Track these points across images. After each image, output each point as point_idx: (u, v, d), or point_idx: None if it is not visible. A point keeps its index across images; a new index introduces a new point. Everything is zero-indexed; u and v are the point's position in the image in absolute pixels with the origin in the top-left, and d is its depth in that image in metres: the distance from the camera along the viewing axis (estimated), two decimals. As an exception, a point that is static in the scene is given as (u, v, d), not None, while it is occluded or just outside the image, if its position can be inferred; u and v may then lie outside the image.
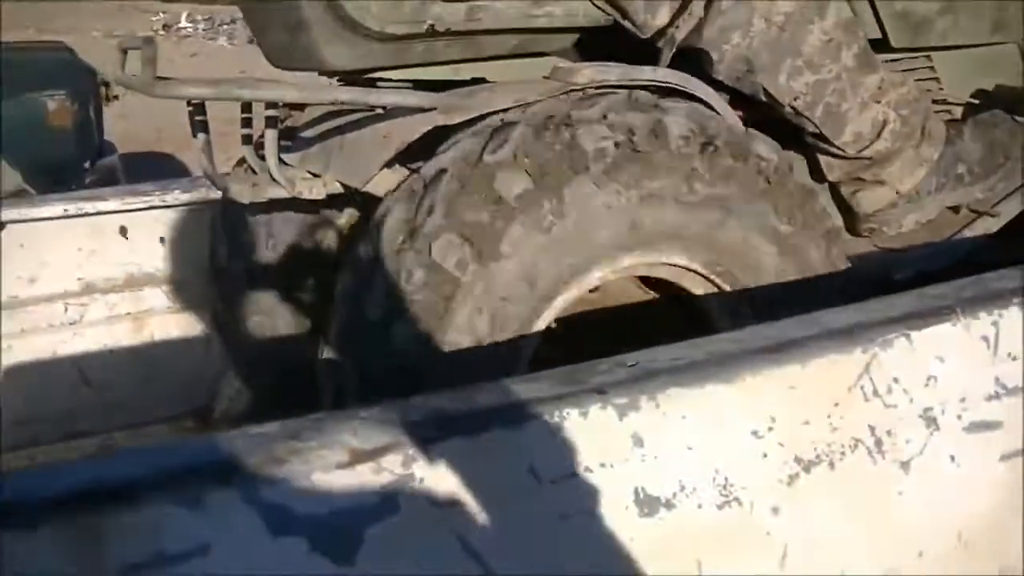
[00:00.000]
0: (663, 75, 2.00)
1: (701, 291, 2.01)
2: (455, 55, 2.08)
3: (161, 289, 2.75)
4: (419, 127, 1.88)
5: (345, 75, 2.14)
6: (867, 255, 2.38)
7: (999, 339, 1.43)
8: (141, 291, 2.72)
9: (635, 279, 2.17)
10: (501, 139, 1.82)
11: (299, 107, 2.28)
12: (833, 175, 2.31)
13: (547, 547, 1.09)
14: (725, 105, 2.07)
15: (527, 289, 1.80)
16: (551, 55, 2.18)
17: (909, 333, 1.36)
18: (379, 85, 2.08)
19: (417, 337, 1.75)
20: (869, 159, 2.25)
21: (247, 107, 2.18)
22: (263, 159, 2.03)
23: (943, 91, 2.48)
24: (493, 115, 1.88)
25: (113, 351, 2.73)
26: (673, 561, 1.16)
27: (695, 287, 2.01)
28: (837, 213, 2.38)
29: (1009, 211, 2.43)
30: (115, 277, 2.70)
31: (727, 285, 1.99)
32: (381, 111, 1.97)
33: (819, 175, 2.32)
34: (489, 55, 2.11)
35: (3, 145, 4.35)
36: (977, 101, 2.49)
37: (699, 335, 1.37)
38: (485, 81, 2.09)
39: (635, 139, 1.83)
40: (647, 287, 2.23)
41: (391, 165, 1.97)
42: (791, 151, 2.22)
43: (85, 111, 5.15)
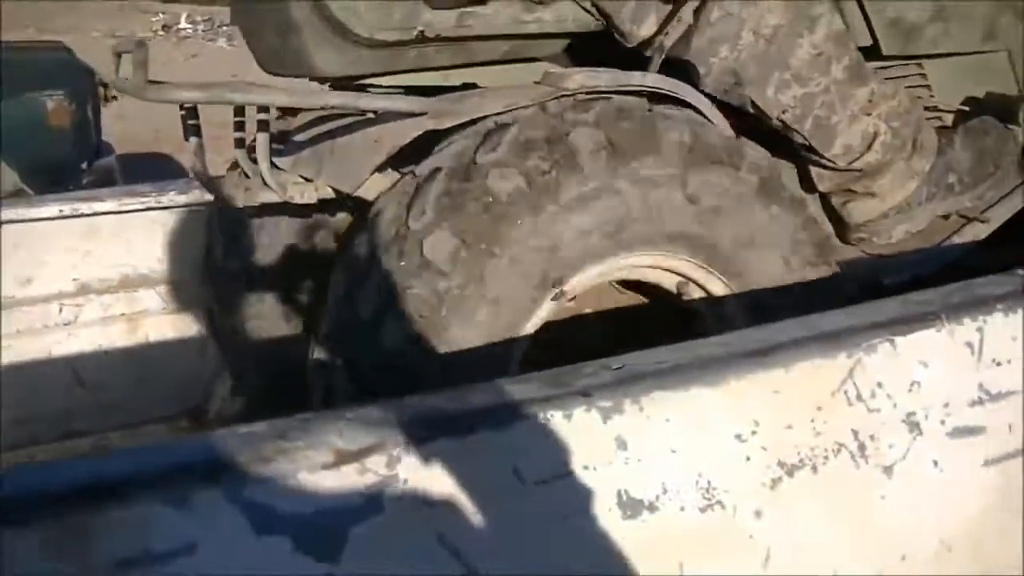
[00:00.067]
0: (654, 81, 2.01)
1: (693, 295, 2.02)
2: (446, 61, 2.09)
3: (156, 290, 2.75)
4: (410, 132, 1.89)
5: (336, 80, 2.15)
6: (857, 260, 2.39)
7: (983, 345, 1.43)
8: (136, 292, 2.72)
9: (625, 284, 2.18)
10: (495, 140, 1.83)
11: (291, 111, 2.29)
12: (823, 186, 2.32)
13: (530, 548, 1.10)
14: (716, 111, 2.08)
15: (519, 289, 1.81)
16: (542, 61, 2.19)
17: (893, 338, 1.36)
18: (370, 90, 2.09)
19: (408, 336, 1.76)
20: (860, 171, 2.26)
21: (240, 111, 2.19)
22: (255, 163, 2.05)
23: (934, 98, 2.50)
24: (485, 119, 1.89)
25: (108, 352, 2.72)
26: (655, 563, 1.17)
27: (686, 290, 2.02)
28: (827, 222, 2.39)
29: (999, 217, 2.45)
30: (110, 278, 2.69)
31: (719, 289, 2.00)
32: (372, 116, 1.99)
33: (810, 184, 2.33)
34: (480, 61, 2.12)
35: (2, 145, 4.35)
36: (968, 108, 2.49)
37: (689, 338, 1.37)
38: (476, 87, 2.10)
39: (627, 143, 1.84)
40: (636, 290, 2.24)
41: (382, 169, 1.98)
42: (782, 160, 2.22)
43: (83, 111, 5.13)
